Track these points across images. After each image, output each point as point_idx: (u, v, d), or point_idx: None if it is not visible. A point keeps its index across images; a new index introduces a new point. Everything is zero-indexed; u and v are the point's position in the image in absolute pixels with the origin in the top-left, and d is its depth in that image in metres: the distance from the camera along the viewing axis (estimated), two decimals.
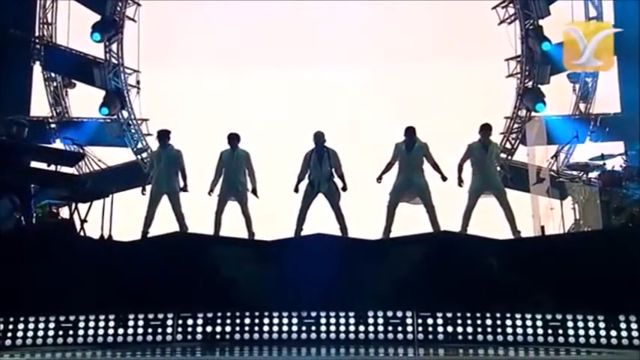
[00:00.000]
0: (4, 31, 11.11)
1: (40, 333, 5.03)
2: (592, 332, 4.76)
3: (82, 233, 6.97)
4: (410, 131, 7.45)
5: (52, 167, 6.68)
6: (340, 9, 11.21)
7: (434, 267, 5.49)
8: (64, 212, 7.63)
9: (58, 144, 11.33)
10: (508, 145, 11.34)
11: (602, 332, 4.73)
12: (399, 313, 5.15)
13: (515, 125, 11.36)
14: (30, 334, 5.02)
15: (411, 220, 7.59)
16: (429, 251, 5.69)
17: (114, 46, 11.59)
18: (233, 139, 7.71)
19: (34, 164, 6.77)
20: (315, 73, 11.26)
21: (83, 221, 7.10)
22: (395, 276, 5.49)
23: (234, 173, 7.59)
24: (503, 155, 9.84)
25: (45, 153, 7.01)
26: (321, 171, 7.43)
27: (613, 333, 4.71)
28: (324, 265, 5.48)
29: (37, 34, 11.83)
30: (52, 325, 5.05)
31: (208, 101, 11.34)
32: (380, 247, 6.28)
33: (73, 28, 11.73)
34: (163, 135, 7.80)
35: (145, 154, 11.56)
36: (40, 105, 11.89)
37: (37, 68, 11.91)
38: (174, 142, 7.93)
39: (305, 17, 11.46)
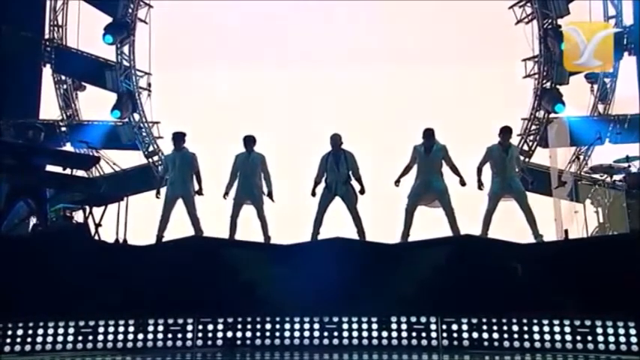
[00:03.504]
0: (14, 33, 11.18)
1: (60, 338, 5.08)
2: (622, 339, 4.74)
3: (96, 237, 6.99)
4: (428, 133, 7.42)
5: (68, 171, 6.72)
6: (357, 8, 11.20)
7: (456, 271, 5.48)
8: (78, 216, 7.68)
9: (68, 147, 11.40)
10: (525, 147, 11.28)
11: (633, 339, 4.70)
12: (423, 319, 5.15)
13: (533, 127, 11.30)
14: (49, 339, 5.07)
15: (429, 224, 7.57)
16: (450, 255, 5.68)
17: (125, 49, 11.64)
18: (249, 141, 7.70)
19: (49, 168, 6.81)
20: (333, 73, 11.26)
21: (98, 225, 7.12)
22: (416, 281, 5.49)
23: (250, 176, 7.59)
24: (521, 157, 9.78)
25: (61, 156, 7.06)
26: (338, 174, 7.41)
27: None
28: (343, 269, 5.49)
29: (47, 36, 11.88)
30: (71, 331, 5.09)
31: (221, 103, 11.35)
32: (400, 250, 6.28)
33: (83, 31, 11.80)
34: (178, 137, 7.79)
35: (156, 158, 11.60)
36: (49, 108, 11.94)
37: (46, 71, 11.96)
38: (187, 145, 7.93)
39: (320, 16, 11.48)
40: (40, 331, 5.10)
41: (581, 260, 5.31)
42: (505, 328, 5.02)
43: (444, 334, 5.07)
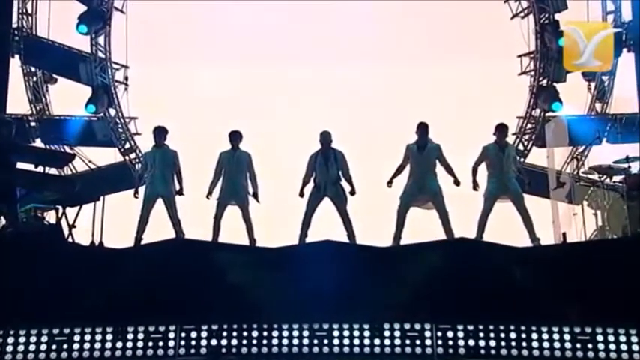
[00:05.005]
0: None
1: (32, 347, 5.01)
2: (624, 347, 4.80)
3: (70, 239, 6.92)
4: (422, 127, 7.42)
5: (40, 169, 6.65)
6: (350, 6, 11.21)
7: (451, 276, 5.52)
8: (51, 217, 7.59)
9: (38, 144, 11.26)
10: (521, 147, 11.36)
11: (635, 347, 4.76)
12: (417, 326, 5.17)
13: (529, 126, 11.39)
14: (21, 348, 5.00)
15: (422, 226, 7.60)
16: (445, 259, 5.72)
17: (101, 39, 11.51)
18: (235, 137, 7.64)
19: (20, 165, 6.73)
20: (321, 70, 11.26)
21: (72, 226, 7.06)
22: (409, 285, 5.52)
23: (235, 176, 7.54)
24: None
25: (33, 153, 6.97)
26: (328, 174, 7.41)
27: None
28: (333, 273, 5.50)
29: (15, 25, 11.69)
30: (44, 339, 5.03)
31: (203, 99, 11.30)
32: (392, 254, 6.31)
33: (55, 20, 11.64)
34: (160, 132, 7.69)
35: (133, 155, 11.51)
36: (18, 101, 11.74)
37: (14, 62, 11.76)
38: (167, 142, 7.86)
39: (307, 11, 11.47)
40: (11, 340, 5.04)
41: (580, 265, 5.38)
42: (503, 335, 5.06)
43: (439, 342, 5.09)
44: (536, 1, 11.15)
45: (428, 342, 5.11)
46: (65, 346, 5.03)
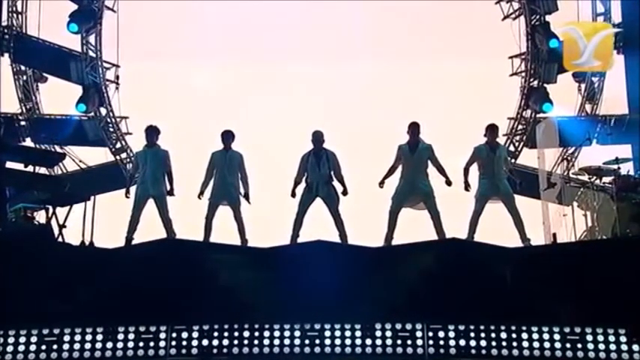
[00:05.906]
0: None
1: (22, 348, 4.98)
2: (613, 347, 4.85)
3: (60, 239, 6.89)
4: (414, 127, 7.43)
5: (30, 168, 6.62)
6: (344, 4, 11.23)
7: (442, 276, 5.54)
8: (41, 216, 7.54)
9: (28, 143, 11.19)
10: (512, 148, 11.43)
11: (624, 347, 4.80)
12: (409, 326, 5.19)
13: (520, 127, 11.45)
14: (10, 349, 4.97)
15: (413, 226, 7.62)
16: (436, 259, 5.75)
17: (92, 38, 11.45)
18: (227, 137, 7.61)
19: (9, 165, 6.70)
20: (314, 69, 11.28)
21: (62, 226, 7.02)
22: (401, 286, 5.54)
23: (227, 176, 7.52)
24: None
25: (24, 153, 6.94)
26: (320, 174, 7.40)
27: (635, 347, 4.78)
28: (325, 273, 5.50)
29: (5, 23, 11.62)
30: (34, 340, 5.00)
31: (195, 98, 11.29)
32: (384, 254, 6.33)
33: (46, 18, 11.59)
34: (152, 132, 7.64)
35: (124, 155, 11.47)
36: (7, 100, 11.67)
37: (4, 60, 11.69)
38: (158, 142, 7.84)
39: (301, 10, 11.48)
40: (0, 341, 4.98)
41: (570, 265, 5.41)
42: (493, 335, 5.09)
43: (430, 342, 5.11)
44: (527, 2, 11.22)
45: (419, 342, 5.13)
46: (55, 346, 5.02)
